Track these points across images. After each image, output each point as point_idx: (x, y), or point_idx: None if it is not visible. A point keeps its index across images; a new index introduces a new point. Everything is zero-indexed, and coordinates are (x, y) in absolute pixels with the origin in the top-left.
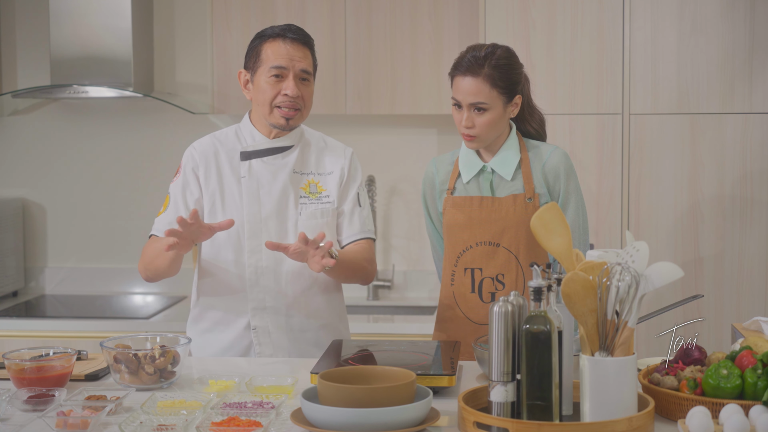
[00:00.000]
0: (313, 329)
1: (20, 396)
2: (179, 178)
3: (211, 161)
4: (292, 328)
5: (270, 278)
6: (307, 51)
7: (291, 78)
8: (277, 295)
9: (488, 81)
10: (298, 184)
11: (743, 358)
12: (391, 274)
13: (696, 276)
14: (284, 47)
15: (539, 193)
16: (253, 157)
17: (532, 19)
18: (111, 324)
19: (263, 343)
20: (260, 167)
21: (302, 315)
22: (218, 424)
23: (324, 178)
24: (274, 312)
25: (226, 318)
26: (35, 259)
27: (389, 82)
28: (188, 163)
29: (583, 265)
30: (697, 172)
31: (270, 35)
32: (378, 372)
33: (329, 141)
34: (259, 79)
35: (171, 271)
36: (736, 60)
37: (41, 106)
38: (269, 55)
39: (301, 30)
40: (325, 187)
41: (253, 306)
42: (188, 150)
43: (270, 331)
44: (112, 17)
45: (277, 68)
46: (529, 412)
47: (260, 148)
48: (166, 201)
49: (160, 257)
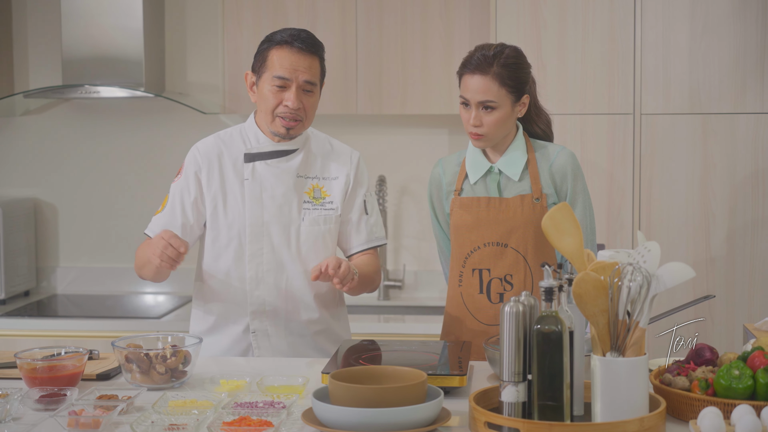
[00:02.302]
0: (312, 333)
1: (32, 395)
2: (180, 179)
3: (215, 162)
4: (291, 332)
5: (270, 282)
6: (314, 60)
7: (293, 90)
8: (277, 299)
9: (497, 79)
10: (302, 189)
11: (755, 359)
12: (401, 275)
13: (707, 276)
14: (290, 57)
15: (546, 193)
16: (257, 159)
17: (543, 19)
18: (122, 324)
19: (262, 347)
20: (264, 170)
21: (302, 319)
22: (229, 424)
23: (329, 183)
24: (274, 315)
25: (225, 320)
26: (47, 259)
27: (400, 82)
28: (190, 164)
29: (595, 265)
30: (708, 172)
31: (279, 41)
32: (389, 372)
33: (335, 144)
34: (263, 86)
35: (157, 279)
36: (748, 60)
37: (53, 106)
38: (274, 62)
39: (310, 38)
40: (330, 193)
41: (253, 309)
42: (192, 151)
43: (269, 334)
44: (124, 17)
45: (280, 78)
46: (540, 412)
47: (264, 150)
48: (165, 201)
49: (147, 266)
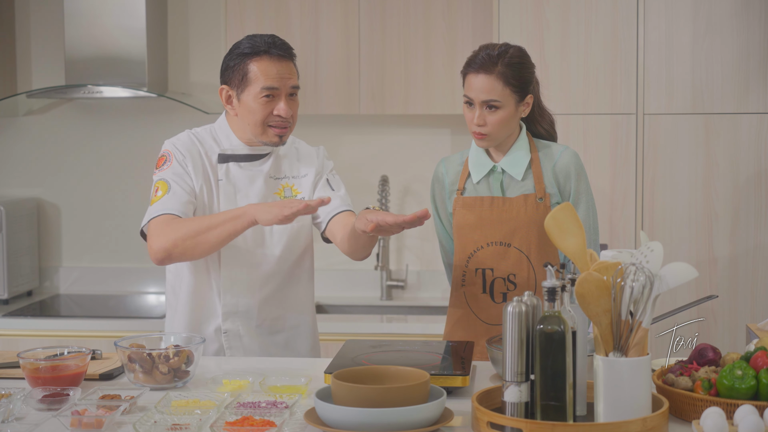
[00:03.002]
0: (283, 331)
1: (35, 395)
2: (171, 165)
3: (196, 157)
4: (263, 333)
5: (243, 282)
6: (292, 65)
7: (283, 98)
8: (249, 300)
9: (501, 79)
10: (273, 190)
11: (758, 359)
12: (404, 274)
13: (710, 276)
14: (273, 66)
15: (550, 193)
16: (231, 161)
17: (546, 19)
18: (125, 323)
19: (234, 347)
20: (237, 171)
21: (273, 318)
22: (232, 424)
23: (299, 181)
24: (246, 316)
25: (197, 321)
26: (50, 259)
27: (403, 82)
28: (176, 154)
29: (597, 265)
30: (711, 172)
31: (255, 52)
32: (392, 372)
33: (301, 147)
34: (248, 99)
35: (216, 248)
36: (751, 60)
37: (56, 106)
38: (258, 75)
39: (284, 44)
40: (300, 190)
41: (225, 310)
42: (170, 144)
43: (241, 335)
44: (127, 17)
45: (270, 89)
46: (543, 412)
47: (239, 153)
48: (164, 186)
49: (219, 229)
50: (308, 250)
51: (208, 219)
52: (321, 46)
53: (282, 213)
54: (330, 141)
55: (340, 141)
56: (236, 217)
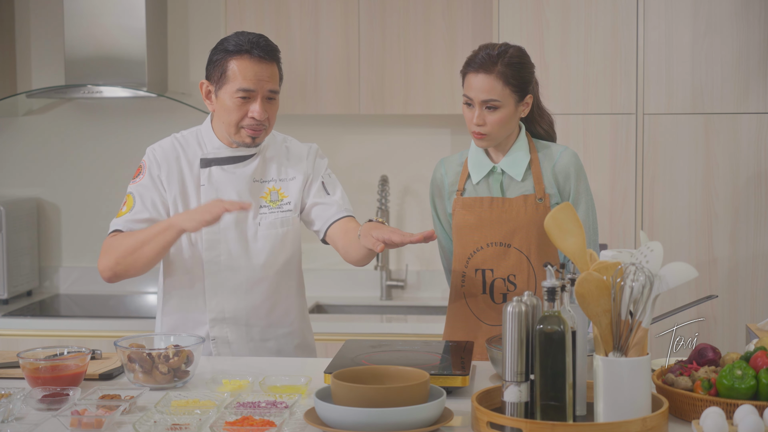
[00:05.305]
0: (274, 338)
1: (35, 395)
2: (143, 179)
3: (173, 165)
4: (252, 338)
5: (229, 289)
6: (274, 66)
7: (258, 101)
8: (236, 306)
9: (501, 78)
10: (258, 193)
11: (758, 359)
12: (404, 274)
13: (710, 276)
14: (252, 67)
15: (550, 193)
16: (213, 165)
17: (546, 19)
18: (125, 323)
19: (222, 353)
20: (220, 175)
21: (262, 324)
22: (232, 424)
23: (286, 184)
24: (234, 322)
25: (184, 328)
26: (49, 259)
27: (403, 81)
28: (151, 165)
29: (597, 265)
30: (711, 172)
31: (236, 50)
32: (392, 372)
33: (292, 146)
34: (224, 97)
35: (154, 261)
36: (751, 60)
37: (55, 106)
38: (236, 74)
39: (268, 44)
40: (287, 194)
41: (212, 317)
42: (149, 152)
43: (229, 341)
44: (126, 17)
45: (245, 90)
46: (543, 412)
47: (221, 155)
48: (130, 200)
49: (152, 243)
50: (296, 256)
51: (143, 234)
52: (321, 46)
53: (203, 219)
54: (330, 141)
55: (340, 141)
56: (165, 230)
